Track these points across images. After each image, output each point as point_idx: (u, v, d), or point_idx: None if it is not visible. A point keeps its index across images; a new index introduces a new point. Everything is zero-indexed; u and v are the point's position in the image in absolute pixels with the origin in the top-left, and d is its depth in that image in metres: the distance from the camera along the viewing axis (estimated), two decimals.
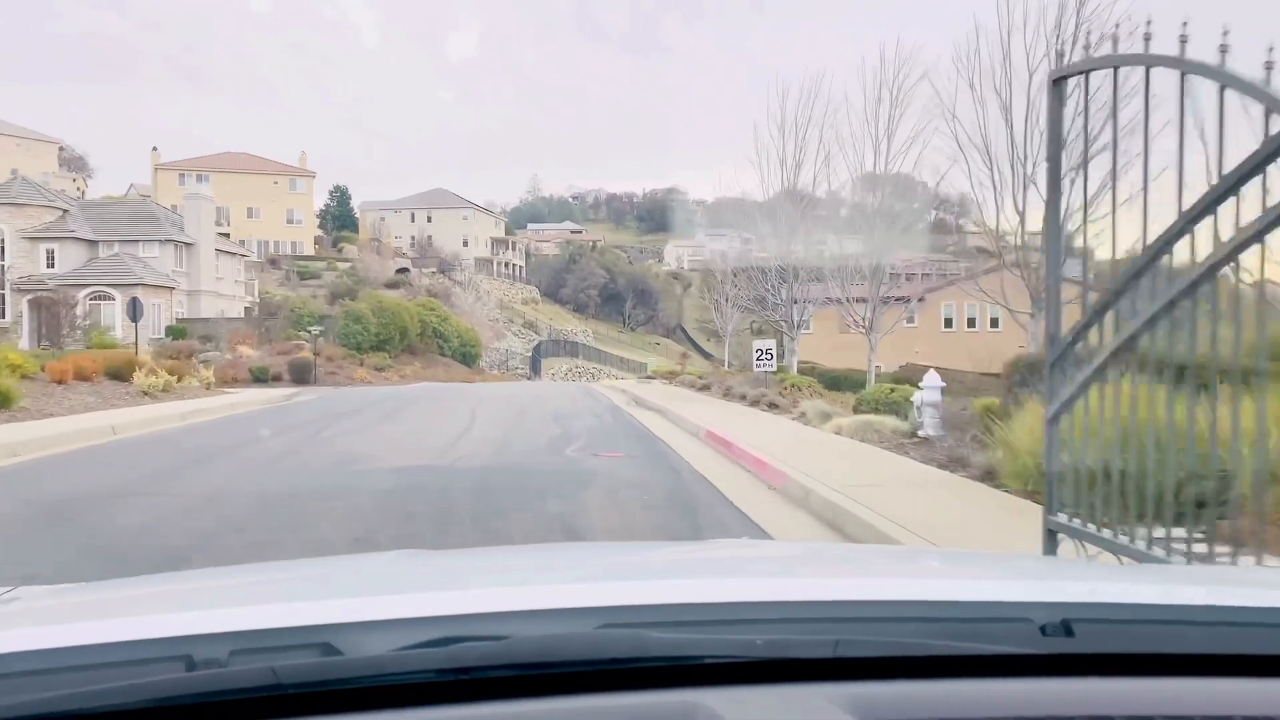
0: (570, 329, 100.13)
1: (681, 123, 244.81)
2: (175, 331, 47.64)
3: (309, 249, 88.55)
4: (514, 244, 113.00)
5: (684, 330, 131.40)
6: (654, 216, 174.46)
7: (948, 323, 53.41)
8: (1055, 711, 1.14)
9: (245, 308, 57.42)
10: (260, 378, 36.75)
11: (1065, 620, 1.28)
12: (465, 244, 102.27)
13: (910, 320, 52.93)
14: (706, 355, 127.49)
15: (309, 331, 46.95)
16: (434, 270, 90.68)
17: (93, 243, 50.26)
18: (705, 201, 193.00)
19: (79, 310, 46.70)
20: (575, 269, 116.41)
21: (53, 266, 48.67)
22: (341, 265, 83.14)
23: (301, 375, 38.14)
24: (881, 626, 1.32)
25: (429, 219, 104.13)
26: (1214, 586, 1.66)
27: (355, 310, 49.80)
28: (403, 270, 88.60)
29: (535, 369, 73.12)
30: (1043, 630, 1.27)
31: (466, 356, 62.21)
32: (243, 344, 44.37)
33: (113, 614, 1.52)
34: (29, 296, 48.28)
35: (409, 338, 53.92)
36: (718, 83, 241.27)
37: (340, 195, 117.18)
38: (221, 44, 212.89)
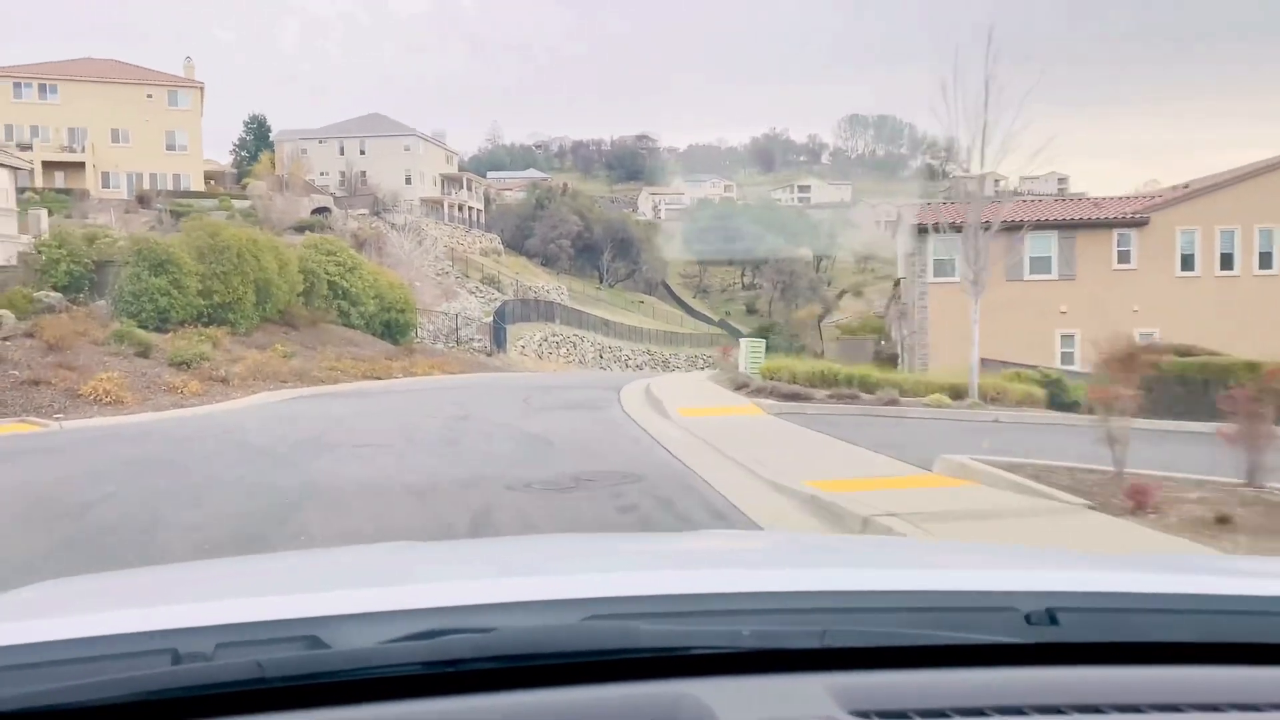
0: (541, 285, 76.48)
1: (652, 70, 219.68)
2: None
3: (197, 184, 63.66)
4: (470, 183, 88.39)
5: (667, 286, 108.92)
6: (624, 164, 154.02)
7: (1186, 263, 30.32)
8: (1041, 700, 1.09)
9: (21, 252, 32.21)
10: None
11: (1050, 609, 1.23)
12: (408, 181, 77.74)
13: (1125, 260, 29.87)
14: (698, 316, 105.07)
15: (47, 294, 23.02)
16: (364, 212, 66.39)
17: None
18: (677, 149, 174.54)
19: None
20: (543, 215, 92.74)
21: None
22: (239, 204, 58.56)
23: None
24: (868, 617, 1.26)
25: (362, 151, 79.35)
26: (1199, 575, 1.59)
27: (158, 250, 25.44)
28: (321, 210, 63.78)
29: (499, 341, 49.05)
30: (1028, 619, 1.22)
31: (390, 326, 38.15)
32: None
33: (98, 607, 1.46)
34: None
35: (277, 297, 29.76)
36: (692, 25, 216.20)
37: (258, 127, 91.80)
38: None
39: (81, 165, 60.24)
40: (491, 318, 51.83)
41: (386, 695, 1.06)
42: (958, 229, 29.68)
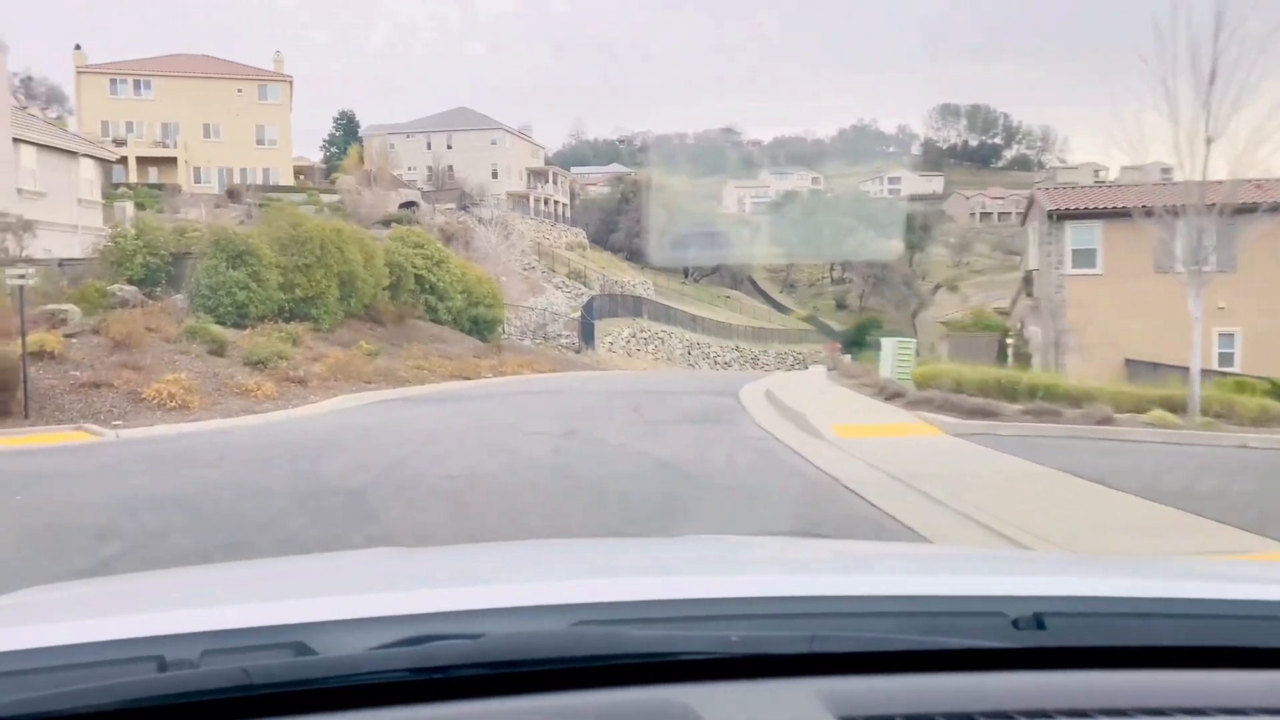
0: (627, 280, 74.33)
1: (736, 63, 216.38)
2: None
3: (286, 179, 62.98)
4: (555, 177, 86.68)
5: (753, 281, 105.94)
6: (708, 158, 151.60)
7: None
8: (1029, 705, 1.08)
9: (101, 246, 30.84)
10: None
11: (1038, 614, 1.23)
12: (494, 175, 76.28)
13: None
14: (783, 309, 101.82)
15: (121, 288, 21.50)
16: (451, 206, 65.00)
17: None
18: (762, 142, 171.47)
19: None
20: (629, 210, 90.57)
21: None
22: (327, 199, 57.67)
23: None
24: (856, 622, 1.24)
25: (449, 145, 78.14)
26: (1186, 580, 1.58)
27: (236, 242, 23.74)
28: (408, 205, 62.74)
29: (586, 337, 46.90)
30: (1015, 624, 1.22)
31: (478, 322, 36.26)
32: None
33: (83, 614, 1.45)
34: None
35: (363, 292, 27.96)
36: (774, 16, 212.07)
37: (347, 123, 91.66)
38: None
39: (174, 160, 59.95)
40: (579, 313, 49.68)
41: (374, 702, 1.04)
42: (1102, 214, 26.44)
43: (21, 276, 14.22)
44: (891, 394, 13.74)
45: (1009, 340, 30.31)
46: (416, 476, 9.01)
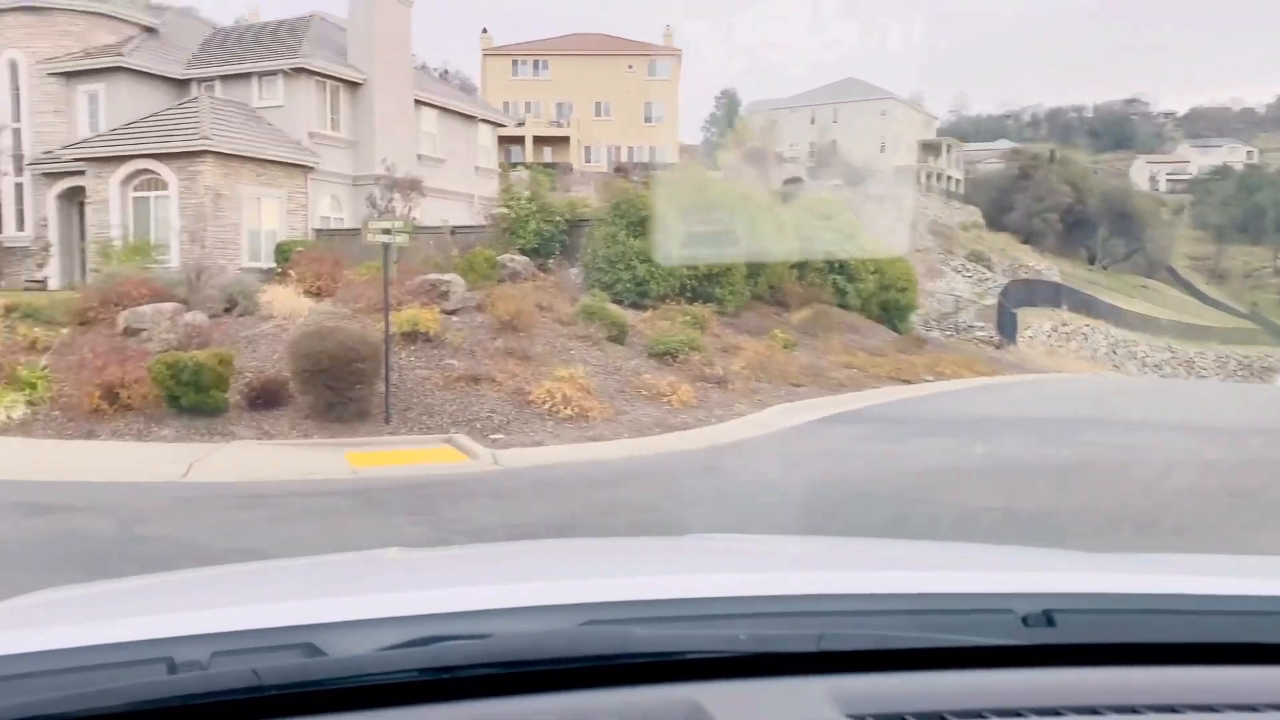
0: (1030, 264, 64.64)
1: (1139, 27, 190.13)
2: (282, 252, 20.61)
3: (671, 157, 60.44)
4: (949, 149, 78.03)
5: (1172, 270, 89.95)
6: (1109, 131, 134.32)
7: None
8: (1039, 702, 1.07)
9: (494, 213, 28.21)
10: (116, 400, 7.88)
11: (1047, 611, 1.21)
12: (882, 149, 69.48)
13: None
14: (1217, 306, 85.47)
15: (512, 258, 18.07)
16: (837, 182, 59.36)
17: (179, 82, 24.40)
18: (1175, 113, 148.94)
19: (113, 208, 21.16)
20: (1027, 187, 79.80)
21: (98, 123, 23.37)
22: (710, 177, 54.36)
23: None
24: (865, 620, 1.24)
25: (834, 119, 72.34)
26: (1194, 576, 1.56)
27: (639, 206, 19.54)
28: (792, 181, 58.23)
29: (1006, 329, 39.13)
30: (1025, 621, 1.20)
31: (887, 308, 30.24)
32: (363, 283, 15.91)
33: (94, 616, 1.43)
34: (58, 186, 23.54)
35: (772, 269, 23.03)
36: None
37: (728, 102, 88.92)
38: None
39: (566, 140, 59.43)
40: (994, 301, 41.97)
41: (383, 702, 1.03)
42: None
43: (387, 232, 10.48)
44: None
45: None
46: None
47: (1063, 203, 78.28)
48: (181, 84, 24.16)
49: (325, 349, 10.35)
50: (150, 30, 24.93)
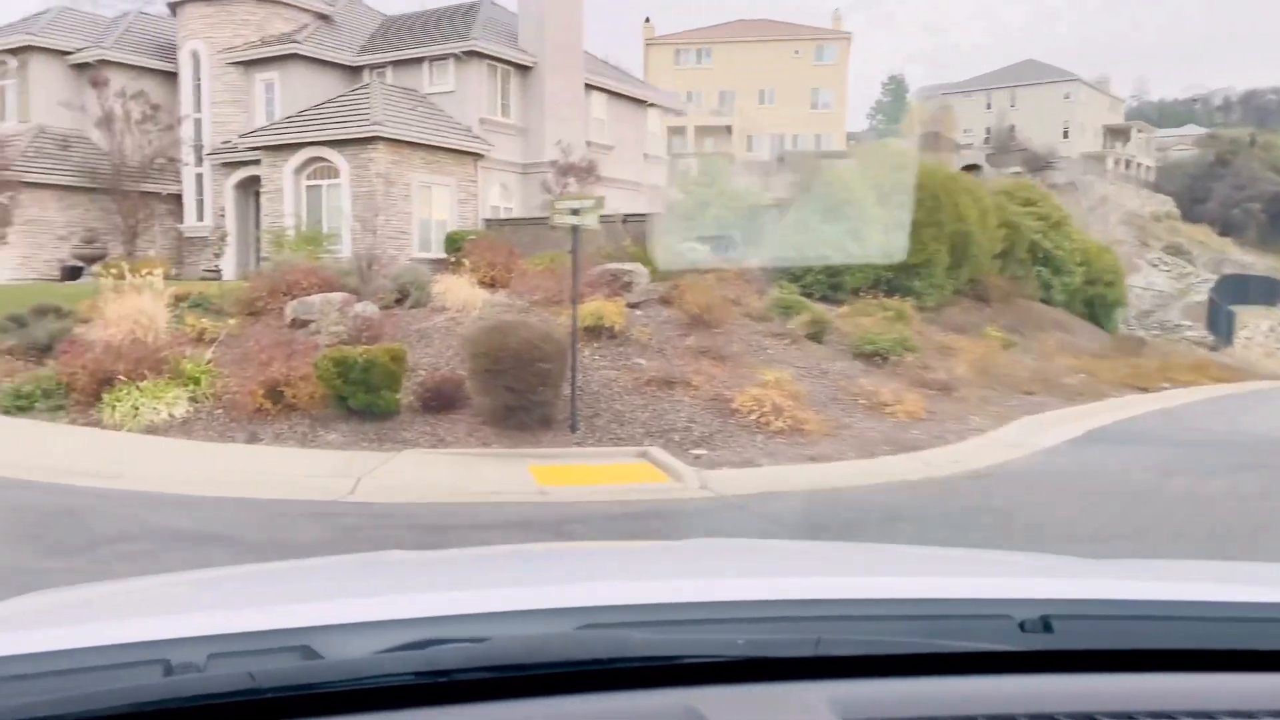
0: (1234, 258, 58.60)
1: None
2: (453, 242, 19.72)
3: (839, 144, 57.64)
4: (1139, 133, 72.01)
5: None
6: None
7: None
8: (1036, 708, 1.06)
9: (667, 201, 26.88)
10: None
11: (1045, 617, 1.21)
12: (1065, 134, 64.57)
13: None
14: None
15: (703, 240, 16.49)
16: (1018, 170, 55.28)
17: (351, 69, 23.90)
18: None
19: (286, 196, 20.81)
20: (1224, 174, 72.77)
21: (273, 112, 23.08)
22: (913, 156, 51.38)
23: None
24: (862, 625, 1.24)
25: (1012, 103, 67.68)
26: (1193, 583, 1.53)
27: (834, 186, 17.56)
28: (970, 168, 54.45)
29: (1221, 329, 34.92)
30: (1022, 626, 1.20)
31: (1092, 304, 27.22)
32: (510, 270, 14.72)
33: (89, 618, 1.42)
34: (235, 176, 23.41)
35: (976, 260, 20.60)
36: None
37: (895, 88, 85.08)
38: None
39: (728, 129, 57.62)
40: (1205, 298, 37.69)
41: (380, 705, 1.02)
42: None
43: (575, 213, 8.98)
44: None
45: None
46: None
47: (1267, 191, 71.05)
48: (354, 71, 23.70)
49: (507, 346, 8.98)
50: (324, 17, 24.61)
